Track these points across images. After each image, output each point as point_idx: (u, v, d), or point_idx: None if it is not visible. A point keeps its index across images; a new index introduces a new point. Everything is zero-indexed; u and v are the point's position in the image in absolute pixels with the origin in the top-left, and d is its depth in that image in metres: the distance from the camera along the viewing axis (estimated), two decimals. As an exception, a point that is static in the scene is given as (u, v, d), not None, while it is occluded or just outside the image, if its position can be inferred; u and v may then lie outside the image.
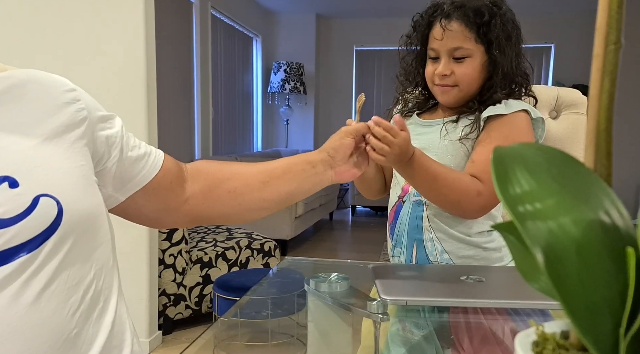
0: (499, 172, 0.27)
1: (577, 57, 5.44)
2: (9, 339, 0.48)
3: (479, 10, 0.99)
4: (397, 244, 1.09)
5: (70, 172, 0.56)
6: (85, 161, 0.59)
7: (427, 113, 1.15)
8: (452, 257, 1.03)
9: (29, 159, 0.53)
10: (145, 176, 0.70)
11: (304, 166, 0.82)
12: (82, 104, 0.61)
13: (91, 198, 0.58)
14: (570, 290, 0.24)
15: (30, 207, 0.50)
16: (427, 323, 0.75)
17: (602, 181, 0.27)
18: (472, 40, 1.00)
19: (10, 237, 0.49)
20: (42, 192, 0.52)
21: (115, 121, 0.68)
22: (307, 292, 0.73)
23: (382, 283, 0.72)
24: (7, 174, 0.51)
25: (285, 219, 3.80)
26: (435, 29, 1.03)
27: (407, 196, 1.08)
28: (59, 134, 0.57)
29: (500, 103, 1.02)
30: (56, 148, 0.56)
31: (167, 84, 3.62)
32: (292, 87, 5.50)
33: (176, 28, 3.81)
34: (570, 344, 0.27)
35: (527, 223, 0.25)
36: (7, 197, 0.50)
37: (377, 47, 5.98)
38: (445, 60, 1.02)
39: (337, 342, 0.71)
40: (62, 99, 0.60)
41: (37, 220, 0.51)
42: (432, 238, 1.04)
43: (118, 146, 0.66)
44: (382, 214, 5.67)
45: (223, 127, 4.77)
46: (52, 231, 0.52)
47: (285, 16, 5.85)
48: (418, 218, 1.05)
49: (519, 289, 0.74)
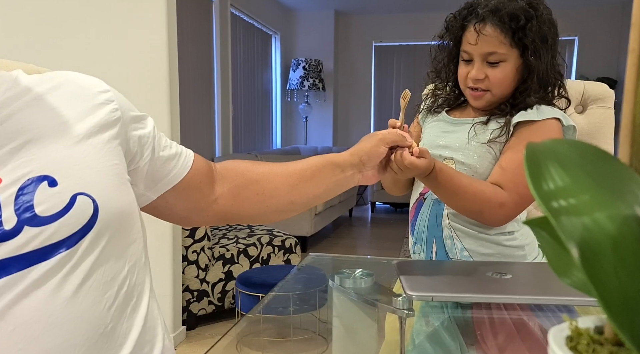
0: (532, 168, 0.27)
1: (601, 50, 5.33)
2: (50, 331, 0.50)
3: (515, 14, 0.96)
4: (418, 241, 1.09)
5: (104, 171, 0.58)
6: (119, 160, 0.61)
7: (457, 110, 1.14)
8: (472, 255, 1.03)
9: (66, 159, 0.55)
10: (176, 176, 0.71)
11: (333, 169, 0.82)
12: (116, 104, 0.63)
13: (125, 196, 0.60)
14: (607, 285, 0.24)
15: (68, 206, 0.52)
16: (451, 320, 0.75)
17: (637, 176, 0.27)
18: (506, 45, 0.98)
19: (50, 234, 0.51)
20: (79, 191, 0.54)
21: (147, 121, 0.69)
22: (330, 288, 0.73)
23: (406, 279, 0.72)
24: (47, 173, 0.53)
25: (305, 216, 3.82)
26: (469, 32, 1.01)
27: (428, 193, 1.07)
28: (94, 134, 0.59)
29: (532, 108, 1.00)
30: (91, 148, 0.58)
31: (188, 82, 3.66)
32: (311, 84, 5.50)
33: (197, 27, 3.85)
34: (605, 339, 0.27)
35: (562, 218, 0.25)
36: (47, 195, 0.52)
37: (396, 43, 5.95)
38: (478, 64, 1.01)
39: (362, 337, 0.71)
40: (97, 99, 0.62)
41: (74, 218, 0.52)
42: (451, 236, 1.04)
43: (150, 145, 0.68)
44: (401, 210, 5.65)
45: (243, 124, 4.80)
46: (89, 228, 0.53)
47: (304, 13, 5.85)
48: (438, 216, 1.05)
49: (545, 285, 0.73)
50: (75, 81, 0.62)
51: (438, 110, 1.14)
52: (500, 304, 0.74)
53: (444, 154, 1.06)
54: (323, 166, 0.82)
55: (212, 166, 0.79)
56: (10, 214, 0.50)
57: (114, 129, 0.61)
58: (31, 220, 0.50)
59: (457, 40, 1.06)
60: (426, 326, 0.75)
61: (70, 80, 0.62)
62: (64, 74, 0.62)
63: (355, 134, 6.10)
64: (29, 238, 0.50)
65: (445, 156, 1.05)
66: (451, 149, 1.04)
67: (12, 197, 0.51)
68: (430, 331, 0.74)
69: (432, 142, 1.09)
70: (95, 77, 0.65)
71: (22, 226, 0.50)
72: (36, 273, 0.50)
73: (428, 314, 0.76)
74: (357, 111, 6.12)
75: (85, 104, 0.60)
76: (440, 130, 1.10)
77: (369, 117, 6.11)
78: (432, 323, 0.76)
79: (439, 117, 1.13)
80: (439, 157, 1.05)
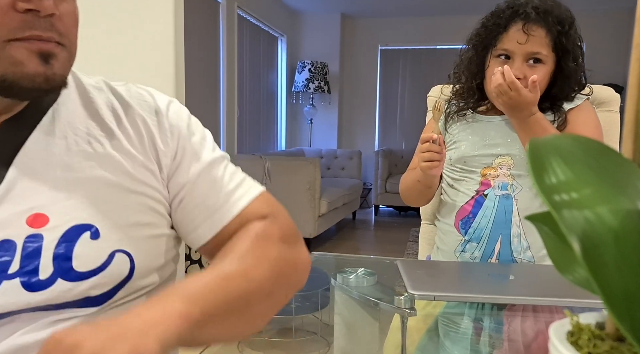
0: (535, 162, 0.27)
1: (607, 57, 5.31)
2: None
3: (562, 18, 1.00)
4: (474, 239, 1.07)
5: (143, 226, 0.57)
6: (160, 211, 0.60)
7: (483, 110, 1.16)
8: (534, 255, 1.02)
9: (112, 207, 0.54)
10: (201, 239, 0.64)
11: None
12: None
13: (159, 249, 0.59)
14: (608, 279, 0.24)
15: (105, 263, 0.52)
16: (467, 321, 0.75)
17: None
18: (549, 47, 1.02)
19: (82, 290, 0.51)
20: (118, 247, 0.53)
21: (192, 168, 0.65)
22: (333, 287, 0.73)
23: (409, 278, 0.72)
24: (92, 222, 0.53)
25: (308, 218, 3.82)
26: (514, 31, 1.03)
27: (490, 189, 1.07)
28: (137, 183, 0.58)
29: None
30: (134, 199, 0.57)
31: (194, 83, 3.67)
32: (317, 87, 5.51)
33: (203, 28, 3.86)
34: (607, 335, 0.27)
35: (564, 212, 0.25)
36: (87, 249, 0.52)
37: (402, 46, 5.94)
38: (519, 64, 1.03)
39: (363, 336, 0.71)
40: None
41: (109, 277, 0.52)
42: (519, 234, 1.03)
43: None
44: (405, 214, 5.64)
45: (248, 125, 4.81)
46: (122, 285, 0.54)
47: (310, 16, 5.86)
48: (507, 213, 1.05)
49: (547, 286, 0.73)
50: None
51: (461, 113, 1.15)
52: (529, 307, 0.73)
53: (496, 152, 1.07)
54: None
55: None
56: (48, 262, 0.50)
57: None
58: (66, 273, 0.50)
59: (493, 40, 1.07)
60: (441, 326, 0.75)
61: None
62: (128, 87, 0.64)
63: (359, 137, 6.10)
64: (61, 292, 0.50)
65: (499, 153, 1.07)
66: (504, 146, 1.05)
67: (54, 243, 0.50)
68: (445, 332, 0.74)
69: (476, 143, 1.10)
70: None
71: (56, 278, 0.50)
72: (63, 315, 0.51)
73: (443, 314, 0.76)
74: (362, 113, 6.12)
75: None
76: (480, 130, 1.11)
77: (374, 120, 6.10)
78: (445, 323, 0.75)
79: (466, 118, 1.14)
80: (492, 157, 1.07)
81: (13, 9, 0.47)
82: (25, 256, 0.49)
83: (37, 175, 0.52)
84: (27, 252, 0.49)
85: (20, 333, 0.49)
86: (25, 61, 0.48)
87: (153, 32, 2.16)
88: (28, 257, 0.49)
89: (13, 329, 0.49)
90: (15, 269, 0.49)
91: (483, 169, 1.08)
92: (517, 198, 1.04)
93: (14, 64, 0.48)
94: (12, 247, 0.49)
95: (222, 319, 0.50)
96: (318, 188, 3.83)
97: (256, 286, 0.53)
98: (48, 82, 0.50)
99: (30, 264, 0.49)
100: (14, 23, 0.47)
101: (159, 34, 2.15)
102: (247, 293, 0.52)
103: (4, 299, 0.48)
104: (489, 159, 1.07)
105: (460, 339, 0.69)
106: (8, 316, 0.49)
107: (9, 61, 0.48)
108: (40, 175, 0.52)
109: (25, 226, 0.50)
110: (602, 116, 1.19)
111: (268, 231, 0.58)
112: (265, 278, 0.54)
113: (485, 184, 1.07)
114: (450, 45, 5.52)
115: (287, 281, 0.58)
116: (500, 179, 1.06)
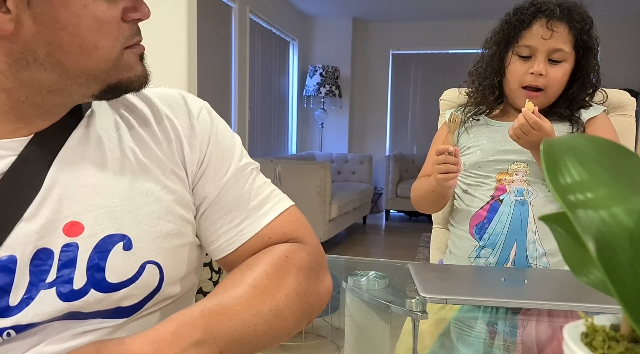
0: (549, 162, 0.27)
1: (622, 62, 5.25)
2: None
3: (584, 17, 1.02)
4: (488, 245, 1.06)
5: (173, 235, 0.57)
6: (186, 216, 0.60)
7: (496, 115, 1.15)
8: (549, 260, 1.02)
9: (143, 215, 0.55)
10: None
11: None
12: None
13: (185, 260, 0.59)
14: (623, 279, 0.24)
15: (136, 275, 0.53)
16: (480, 325, 0.74)
17: (656, 172, 0.27)
18: (571, 44, 1.03)
19: (113, 300, 0.52)
20: (149, 258, 0.54)
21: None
22: (344, 290, 0.73)
23: (421, 281, 0.72)
24: (125, 232, 0.53)
25: (318, 222, 3.82)
26: (538, 27, 1.03)
27: (505, 195, 1.06)
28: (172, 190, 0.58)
29: (585, 109, 1.09)
30: (164, 207, 0.57)
31: (206, 87, 3.70)
32: (328, 91, 5.52)
33: (216, 31, 3.89)
34: (621, 336, 0.27)
35: (578, 212, 0.25)
36: (119, 260, 0.52)
37: (413, 51, 5.94)
38: (541, 60, 1.03)
39: (374, 339, 0.71)
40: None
41: (139, 289, 0.53)
42: (535, 240, 1.02)
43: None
44: (416, 219, 5.62)
45: (259, 129, 4.83)
46: (152, 296, 0.55)
47: (322, 20, 5.88)
48: (523, 218, 1.04)
49: (560, 290, 0.72)
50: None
51: (475, 117, 1.15)
52: (543, 311, 0.73)
53: (512, 159, 1.07)
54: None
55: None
56: (82, 272, 0.51)
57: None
58: (99, 284, 0.51)
59: (514, 37, 1.07)
60: (455, 330, 0.75)
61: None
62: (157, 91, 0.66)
63: (370, 141, 6.09)
64: (93, 303, 0.51)
65: (515, 159, 1.06)
66: (520, 152, 1.05)
67: (88, 253, 0.51)
68: (459, 336, 0.74)
69: (492, 148, 1.09)
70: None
71: (89, 288, 0.51)
72: (92, 325, 0.52)
73: (457, 318, 0.76)
74: (373, 118, 6.11)
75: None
76: (496, 136, 1.10)
77: (385, 124, 6.09)
78: (458, 327, 0.75)
79: (479, 124, 1.14)
80: (508, 162, 1.07)
81: (122, 19, 0.51)
82: (62, 265, 0.50)
83: (73, 181, 0.52)
84: (63, 261, 0.50)
85: (46, 343, 0.50)
86: (134, 65, 0.53)
87: (166, 36, 2.18)
88: (64, 266, 0.50)
89: (41, 338, 0.50)
90: (52, 278, 0.50)
91: (498, 174, 1.07)
92: (532, 204, 1.03)
93: (128, 69, 0.53)
94: (51, 256, 0.50)
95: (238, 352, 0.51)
96: (329, 192, 3.83)
97: (284, 325, 0.54)
98: (147, 79, 0.55)
99: (65, 274, 0.50)
100: (129, 31, 0.52)
101: (172, 38, 2.18)
102: (278, 333, 0.54)
103: (40, 308, 0.49)
104: (504, 165, 1.07)
105: (473, 343, 0.68)
106: (41, 325, 0.50)
107: (125, 67, 0.53)
108: (75, 181, 0.53)
109: (62, 235, 0.51)
110: (618, 120, 1.18)
111: (296, 258, 0.58)
112: (295, 318, 0.55)
113: (501, 189, 1.06)
114: (462, 50, 5.51)
115: (310, 312, 0.58)
116: (515, 184, 1.05)
